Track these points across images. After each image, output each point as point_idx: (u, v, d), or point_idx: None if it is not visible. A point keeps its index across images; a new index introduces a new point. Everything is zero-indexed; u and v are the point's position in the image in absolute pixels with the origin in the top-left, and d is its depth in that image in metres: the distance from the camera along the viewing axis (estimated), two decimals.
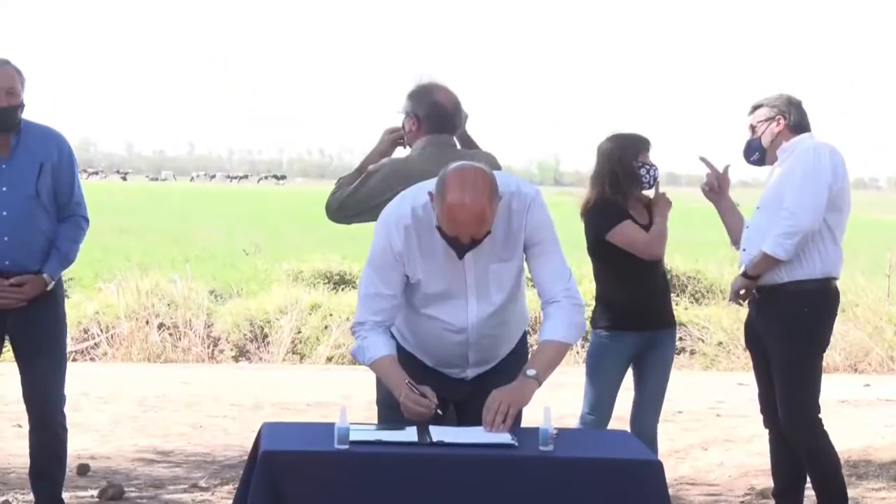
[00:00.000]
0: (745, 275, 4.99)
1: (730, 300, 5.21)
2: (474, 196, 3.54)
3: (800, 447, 5.02)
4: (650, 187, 5.20)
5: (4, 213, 4.73)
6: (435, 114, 4.65)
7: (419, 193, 3.79)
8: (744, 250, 5.07)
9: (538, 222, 3.79)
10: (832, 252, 4.93)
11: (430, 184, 3.75)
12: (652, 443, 5.11)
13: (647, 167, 5.15)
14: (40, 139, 4.86)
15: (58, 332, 4.98)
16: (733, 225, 5.19)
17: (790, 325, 4.94)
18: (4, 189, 4.75)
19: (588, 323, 4.39)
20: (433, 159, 4.42)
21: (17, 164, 4.77)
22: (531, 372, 3.71)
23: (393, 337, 3.91)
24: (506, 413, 3.60)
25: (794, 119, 5.00)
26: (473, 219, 3.56)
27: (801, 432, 4.99)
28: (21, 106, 4.78)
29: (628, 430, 4.96)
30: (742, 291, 5.05)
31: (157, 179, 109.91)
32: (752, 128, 5.09)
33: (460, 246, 3.63)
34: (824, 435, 4.99)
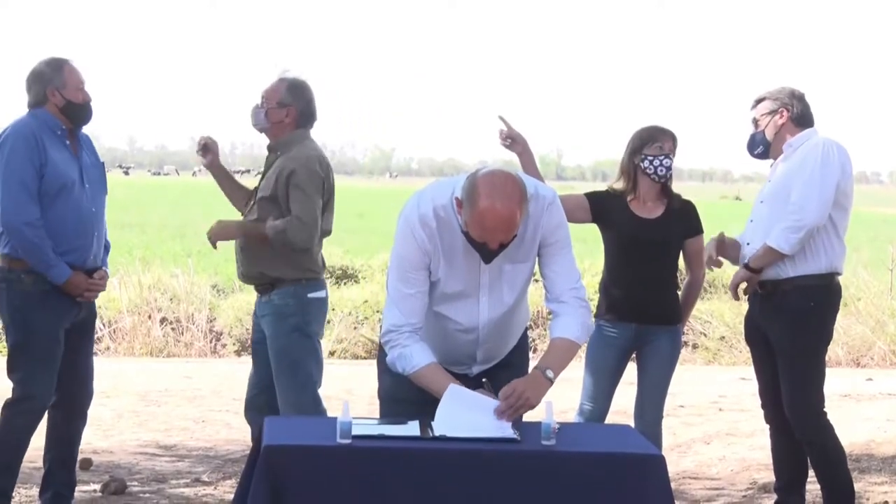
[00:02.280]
0: (747, 267, 4.98)
1: (731, 295, 5.19)
2: (505, 202, 3.54)
3: (805, 441, 5.03)
4: (660, 179, 5.14)
5: (94, 210, 4.90)
6: (309, 110, 5.13)
7: (438, 193, 3.78)
8: (748, 244, 5.06)
9: (554, 224, 3.81)
10: (837, 247, 4.95)
11: (447, 183, 3.76)
12: (655, 438, 5.09)
13: (650, 158, 5.10)
14: (87, 141, 5.03)
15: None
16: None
17: (797, 320, 4.93)
18: (87, 186, 4.88)
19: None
20: (318, 149, 5.15)
21: (89, 164, 4.95)
22: (550, 374, 3.72)
23: None
24: (519, 407, 3.61)
25: (798, 111, 5.00)
26: (504, 225, 3.57)
27: (808, 426, 4.99)
28: None
29: (632, 424, 4.96)
30: (743, 285, 5.05)
31: (159, 174, 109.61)
32: (756, 121, 5.08)
33: (489, 251, 3.64)
34: (830, 429, 5.00)
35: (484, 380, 3.85)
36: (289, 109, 5.08)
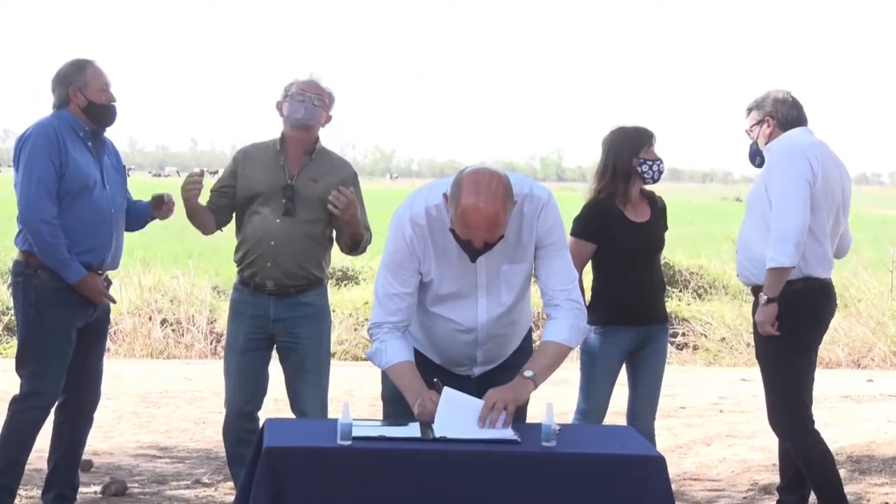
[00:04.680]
0: (769, 300, 4.81)
1: (763, 332, 4.91)
2: (488, 200, 3.53)
3: (787, 445, 5.04)
4: (654, 182, 5.15)
5: (113, 211, 4.93)
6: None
7: (432, 193, 3.78)
8: (738, 251, 5.09)
9: (549, 225, 3.79)
10: (808, 251, 4.83)
11: (443, 183, 3.76)
12: (651, 437, 5.11)
13: (650, 163, 5.08)
14: (108, 145, 5.05)
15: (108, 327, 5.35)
16: None
17: None
18: (108, 188, 4.92)
19: None
20: None
21: (109, 167, 4.98)
22: (528, 373, 3.71)
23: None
24: (502, 409, 3.59)
25: (783, 116, 4.97)
26: (487, 223, 3.55)
27: (786, 431, 4.99)
28: None
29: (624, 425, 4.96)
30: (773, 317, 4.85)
31: (160, 175, 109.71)
32: (748, 132, 5.09)
33: (473, 249, 3.63)
34: (811, 434, 4.97)
35: (435, 380, 3.76)
36: (328, 115, 5.11)
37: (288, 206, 4.97)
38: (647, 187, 5.19)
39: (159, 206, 5.15)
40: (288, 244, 4.97)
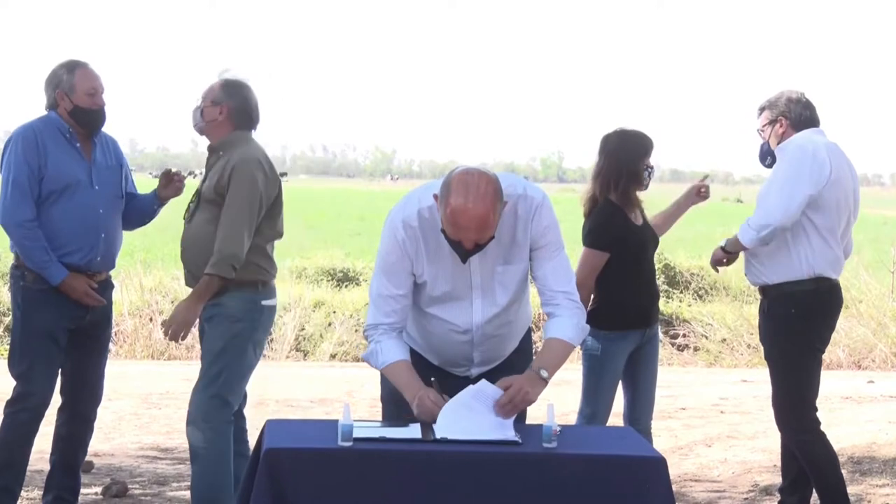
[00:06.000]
0: (723, 249, 5.09)
1: (713, 262, 5.25)
2: (477, 201, 3.53)
3: (793, 446, 5.04)
4: (645, 189, 5.16)
5: (101, 211, 4.89)
6: (245, 108, 4.86)
7: (425, 195, 3.78)
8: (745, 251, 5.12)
9: (544, 226, 3.78)
10: (820, 252, 4.86)
11: (437, 184, 3.75)
12: (649, 437, 5.13)
13: (650, 170, 5.10)
14: (108, 143, 5.03)
15: (111, 330, 5.34)
16: None
17: (778, 326, 4.94)
18: (97, 188, 4.88)
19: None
20: (260, 150, 4.85)
21: (103, 166, 4.94)
22: (545, 373, 3.70)
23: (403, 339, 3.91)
24: (519, 407, 3.60)
25: (796, 116, 4.98)
26: (476, 224, 3.55)
27: (793, 432, 4.99)
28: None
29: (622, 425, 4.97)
30: (724, 261, 5.15)
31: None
32: (760, 132, 5.08)
33: (464, 250, 3.63)
34: (818, 434, 4.98)
35: (432, 378, 3.75)
36: (221, 107, 4.83)
37: (190, 209, 4.84)
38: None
39: (167, 185, 5.08)
40: (188, 247, 4.83)
